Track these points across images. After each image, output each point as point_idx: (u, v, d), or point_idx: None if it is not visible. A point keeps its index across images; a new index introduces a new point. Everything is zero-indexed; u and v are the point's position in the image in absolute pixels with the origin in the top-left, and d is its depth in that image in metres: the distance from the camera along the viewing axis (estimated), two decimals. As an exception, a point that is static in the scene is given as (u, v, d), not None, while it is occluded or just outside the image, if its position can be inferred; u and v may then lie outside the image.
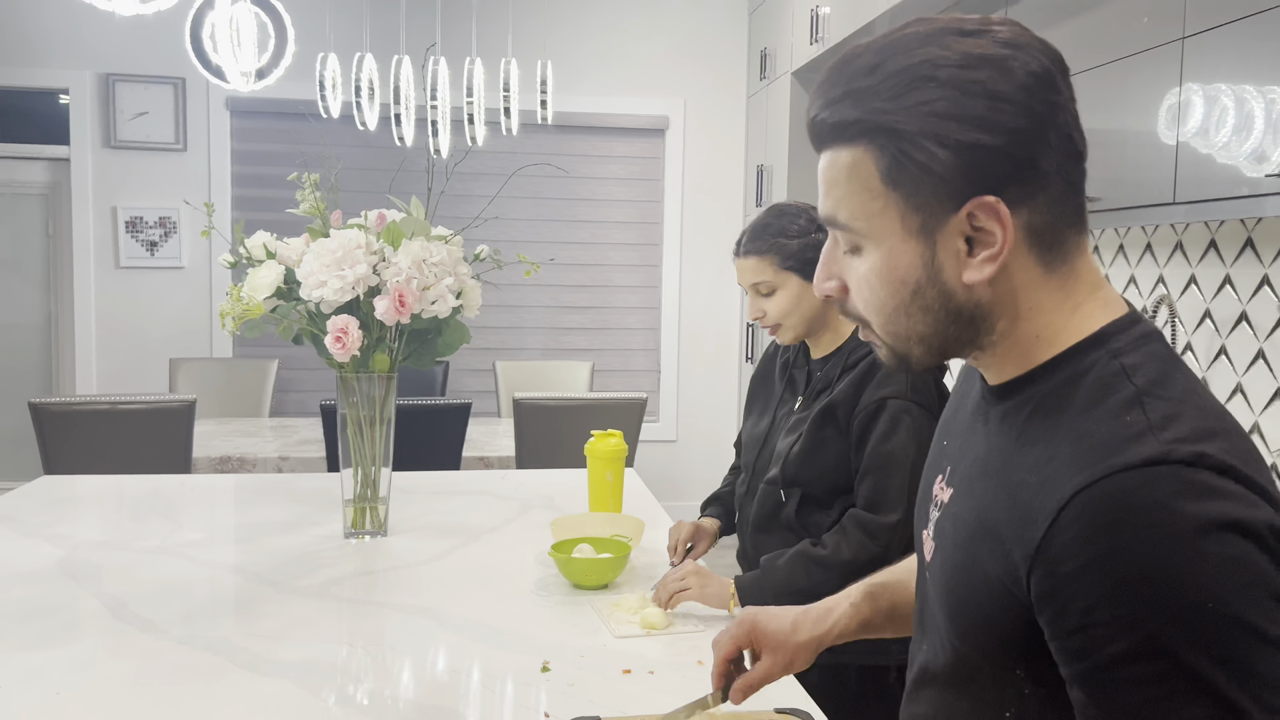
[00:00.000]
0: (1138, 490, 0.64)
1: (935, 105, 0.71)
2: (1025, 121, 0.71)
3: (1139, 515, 0.64)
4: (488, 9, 5.03)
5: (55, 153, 4.91)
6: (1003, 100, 0.70)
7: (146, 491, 2.32)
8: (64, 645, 1.38)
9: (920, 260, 0.74)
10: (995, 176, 0.71)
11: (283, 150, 5.00)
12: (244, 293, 1.80)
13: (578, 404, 3.39)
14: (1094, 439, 0.68)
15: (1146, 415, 0.68)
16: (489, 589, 1.65)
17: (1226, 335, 2.47)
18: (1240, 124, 2.04)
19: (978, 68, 0.71)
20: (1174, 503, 0.64)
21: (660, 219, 5.37)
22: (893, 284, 0.76)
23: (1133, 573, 0.63)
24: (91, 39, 4.83)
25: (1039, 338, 0.76)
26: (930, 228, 0.73)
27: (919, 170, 0.72)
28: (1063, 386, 0.74)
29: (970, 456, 0.81)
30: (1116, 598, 0.64)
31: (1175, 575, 0.63)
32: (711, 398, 5.47)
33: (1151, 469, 0.65)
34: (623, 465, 2.04)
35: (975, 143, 0.70)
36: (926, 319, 0.76)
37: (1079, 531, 0.66)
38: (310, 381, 5.11)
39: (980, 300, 0.75)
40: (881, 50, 0.74)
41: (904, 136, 0.72)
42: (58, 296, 5.01)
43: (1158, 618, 0.63)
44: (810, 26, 4.18)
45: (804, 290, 1.65)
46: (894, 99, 0.72)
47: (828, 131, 0.77)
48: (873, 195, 0.74)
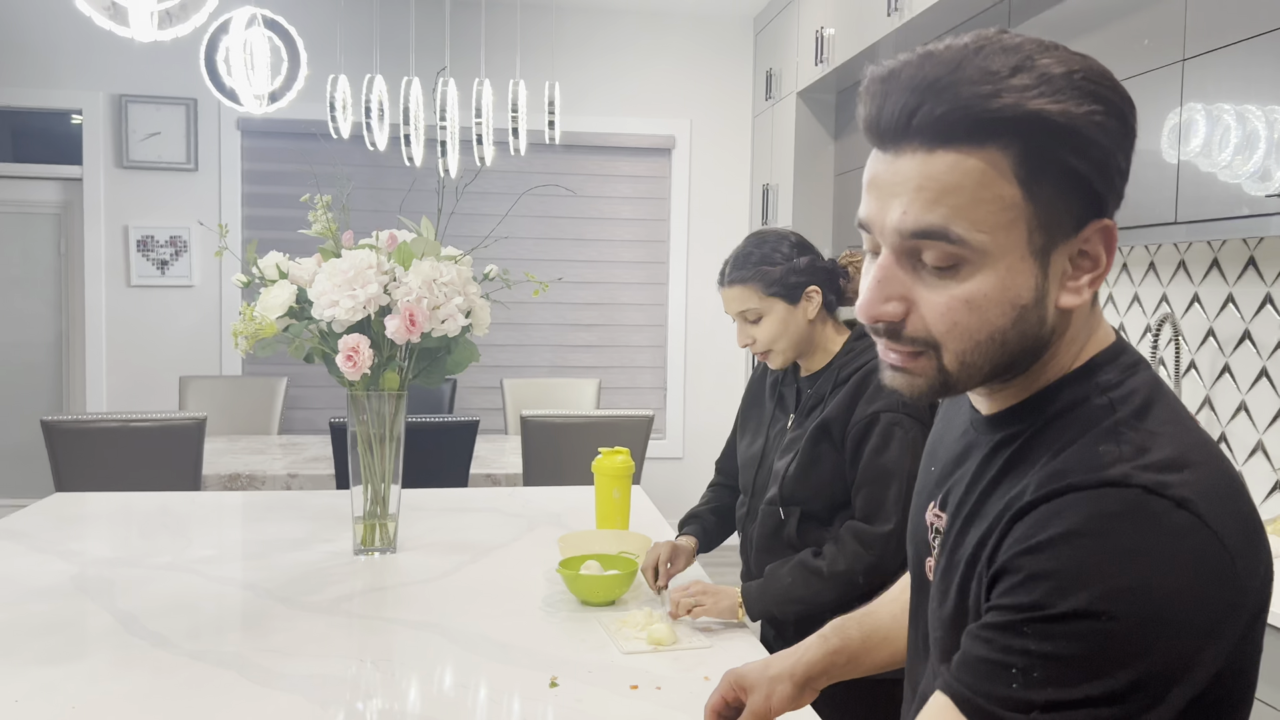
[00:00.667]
0: (1091, 502, 0.65)
1: (1095, 116, 0.67)
2: (1131, 142, 0.70)
3: (1083, 519, 0.64)
4: (496, 31, 5.09)
5: (68, 172, 4.97)
6: (1128, 128, 0.70)
7: (157, 508, 2.34)
8: (78, 660, 1.39)
9: (1034, 282, 0.69)
10: (1114, 199, 0.70)
11: (293, 170, 5.05)
12: (257, 312, 1.83)
13: (585, 421, 3.41)
14: (1064, 464, 0.68)
15: (1119, 446, 0.68)
16: (497, 605, 1.67)
17: (1230, 354, 2.48)
18: (1242, 144, 2.06)
19: (1113, 90, 0.69)
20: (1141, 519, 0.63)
21: (666, 237, 5.40)
22: (1002, 305, 0.69)
23: (1056, 565, 0.63)
24: (105, 60, 4.90)
25: (1058, 362, 0.75)
26: (1049, 247, 0.69)
27: (1064, 182, 0.68)
28: (1054, 421, 0.73)
29: (963, 484, 0.80)
30: (1036, 581, 0.64)
31: (1088, 578, 0.62)
32: (717, 415, 5.48)
33: (1106, 489, 0.65)
34: (630, 482, 2.06)
35: (1113, 162, 0.69)
36: (1021, 344, 0.71)
37: (1026, 528, 0.66)
38: (319, 399, 5.14)
39: (1056, 327, 0.72)
40: (1011, 53, 0.67)
41: (1072, 141, 0.66)
42: (69, 314, 5.06)
43: (1061, 607, 0.62)
44: (815, 48, 4.22)
45: (790, 314, 1.68)
46: (1063, 100, 0.66)
47: (963, 128, 0.67)
48: (1004, 206, 0.67)
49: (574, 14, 5.20)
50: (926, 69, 0.68)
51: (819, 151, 4.60)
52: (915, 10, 3.23)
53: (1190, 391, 2.61)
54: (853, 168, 4.34)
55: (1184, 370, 2.62)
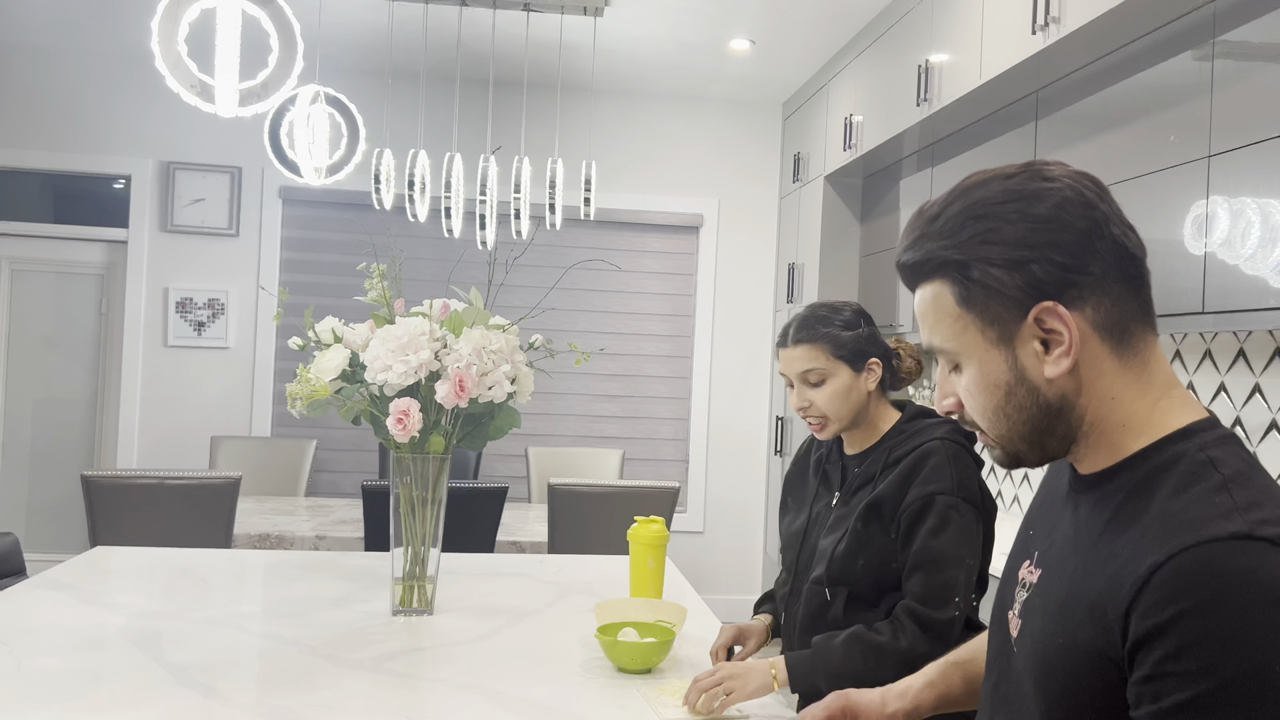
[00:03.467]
0: (1224, 558, 0.72)
1: (986, 235, 0.85)
2: (1069, 236, 0.84)
3: (1224, 580, 0.72)
4: (536, 111, 5.26)
5: (113, 235, 5.12)
6: (1040, 222, 0.84)
7: (195, 564, 2.38)
8: (132, 709, 1.43)
9: (1006, 365, 0.87)
10: (1050, 284, 0.84)
11: (332, 238, 5.19)
12: (311, 374, 1.89)
13: (612, 491, 3.44)
14: (1184, 516, 0.77)
15: (1233, 498, 0.76)
16: (536, 669, 1.69)
17: (1258, 443, 2.51)
18: (1266, 237, 2.12)
19: (1016, 201, 0.85)
20: (1258, 573, 0.71)
21: (692, 312, 5.49)
22: (988, 389, 0.88)
23: (1212, 628, 0.71)
24: (155, 128, 5.08)
25: (1125, 426, 0.86)
26: (1007, 336, 0.86)
27: (984, 291, 0.86)
28: (1155, 474, 0.82)
29: (1059, 539, 0.90)
30: (1196, 649, 0.71)
31: (1251, 636, 0.70)
32: (739, 490, 5.50)
33: (1238, 541, 0.73)
34: (664, 552, 2.09)
35: (1023, 259, 0.84)
36: (1022, 416, 0.87)
37: (1168, 590, 0.73)
38: (345, 463, 5.20)
39: (1065, 392, 0.86)
40: (944, 200, 0.90)
41: (966, 265, 0.86)
42: (105, 373, 5.16)
43: (1229, 671, 0.70)
44: (844, 134, 4.35)
45: (854, 382, 1.67)
46: (953, 236, 0.87)
47: (910, 272, 0.92)
48: (954, 318, 0.88)
49: (611, 97, 5.38)
50: (906, 227, 0.93)
51: (845, 233, 4.70)
52: (944, 100, 3.34)
53: (1218, 479, 2.63)
54: (878, 250, 4.43)
55: (1211, 457, 2.65)
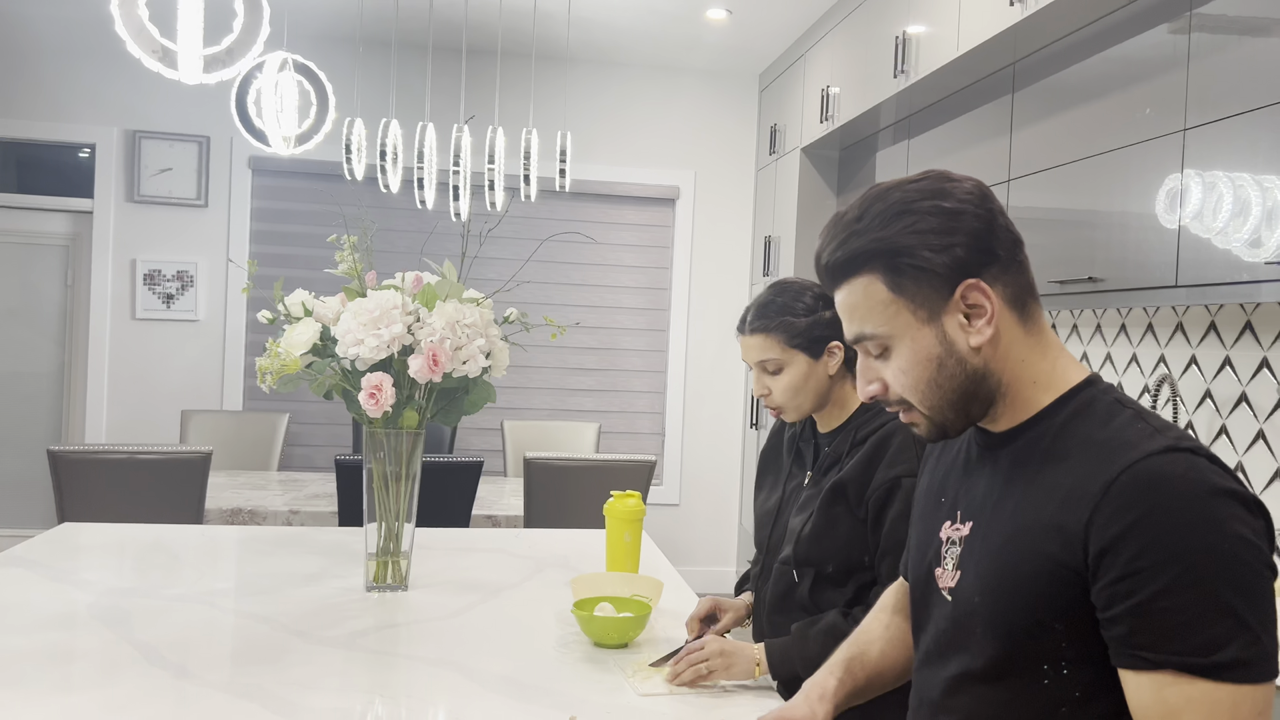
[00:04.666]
0: (1163, 467, 0.88)
1: (915, 225, 0.98)
2: (977, 224, 0.98)
3: (1168, 484, 0.87)
4: (510, 81, 5.19)
5: (78, 205, 5.02)
6: (955, 214, 0.98)
7: (165, 540, 2.35)
8: (101, 688, 1.41)
9: (936, 339, 0.99)
10: (971, 264, 0.98)
11: (302, 209, 5.12)
12: (281, 348, 1.86)
13: (588, 465, 3.43)
14: (1119, 440, 0.93)
15: (1149, 424, 0.94)
16: (511, 644, 1.68)
17: (1227, 416, 2.53)
18: (1235, 211, 2.13)
19: (932, 197, 0.99)
20: (1191, 475, 0.88)
21: (668, 285, 5.47)
22: (922, 363, 1.00)
23: (1167, 524, 0.86)
24: (120, 96, 4.97)
25: (1035, 383, 1.01)
26: (936, 313, 0.99)
27: (915, 274, 0.98)
28: (1073, 417, 0.98)
29: (982, 493, 1.03)
30: (1158, 544, 0.86)
31: (1197, 524, 0.86)
32: (715, 463, 5.51)
33: (1169, 454, 0.89)
34: (640, 526, 2.08)
35: (946, 244, 0.98)
36: (953, 384, 1.00)
37: (1124, 500, 0.88)
38: (318, 437, 5.15)
39: (987, 360, 1.00)
40: (861, 204, 1.02)
41: (900, 252, 0.98)
42: (72, 346, 5.08)
43: (1189, 556, 0.85)
44: (821, 106, 4.32)
45: (811, 368, 1.65)
46: (882, 230, 0.99)
47: (840, 269, 1.02)
48: (885, 304, 1.00)
49: (585, 66, 5.32)
50: (825, 231, 1.04)
51: (821, 205, 4.68)
52: (922, 72, 3.33)
53: (1188, 451, 2.66)
54: (854, 223, 4.42)
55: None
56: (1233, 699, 0.84)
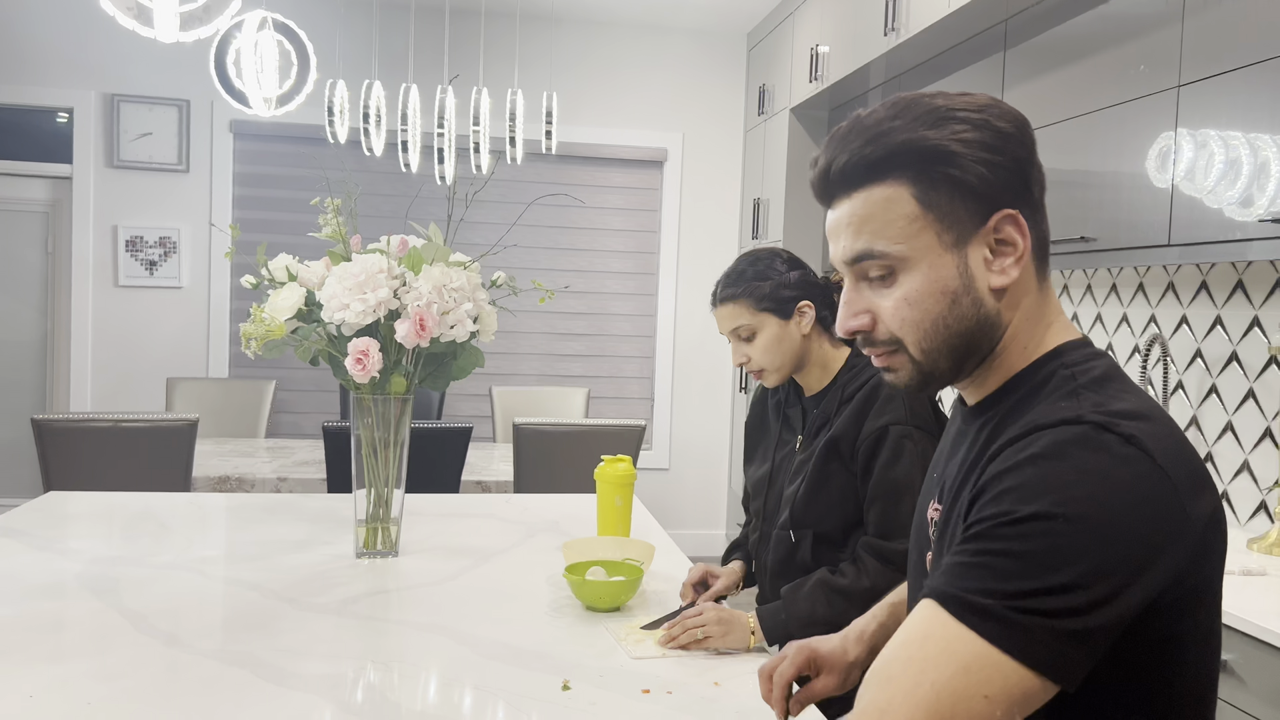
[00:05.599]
0: (1045, 434, 0.78)
1: (964, 134, 0.84)
2: (1023, 152, 0.86)
3: (1047, 448, 0.76)
4: (495, 41, 5.11)
5: (57, 171, 4.94)
6: (1005, 136, 0.86)
7: (153, 508, 2.34)
8: (90, 657, 1.39)
9: (956, 270, 0.86)
10: (1011, 193, 0.86)
11: (285, 173, 5.05)
12: (266, 314, 1.83)
13: (577, 430, 3.42)
14: (1031, 419, 0.81)
15: (1077, 400, 0.81)
16: (503, 609, 1.68)
17: (1217, 375, 2.54)
18: (1226, 169, 2.12)
19: (982, 111, 0.86)
20: (1075, 445, 0.76)
21: (656, 249, 5.44)
22: (934, 295, 0.86)
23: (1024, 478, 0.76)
24: (97, 59, 4.88)
25: (1025, 347, 0.89)
26: (963, 241, 0.85)
27: (954, 189, 0.84)
28: (1028, 395, 0.87)
29: (954, 471, 0.92)
30: (1006, 495, 0.76)
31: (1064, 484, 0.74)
32: (704, 427, 5.51)
33: (1078, 426, 0.77)
34: (631, 490, 2.08)
35: (997, 163, 0.84)
36: (961, 326, 0.86)
37: (998, 464, 0.79)
38: (305, 403, 5.13)
39: (1000, 308, 0.87)
40: (893, 106, 0.87)
41: (942, 158, 0.84)
42: (54, 314, 5.02)
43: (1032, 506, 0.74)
44: (810, 65, 4.27)
45: (783, 329, 1.67)
46: (933, 128, 0.85)
47: (861, 171, 0.87)
48: (909, 220, 0.85)
49: (571, 26, 5.24)
50: (834, 136, 0.89)
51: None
52: (912, 30, 3.28)
53: (1178, 411, 2.66)
54: (844, 184, 4.39)
55: (1172, 390, 2.68)
56: (974, 653, 0.72)
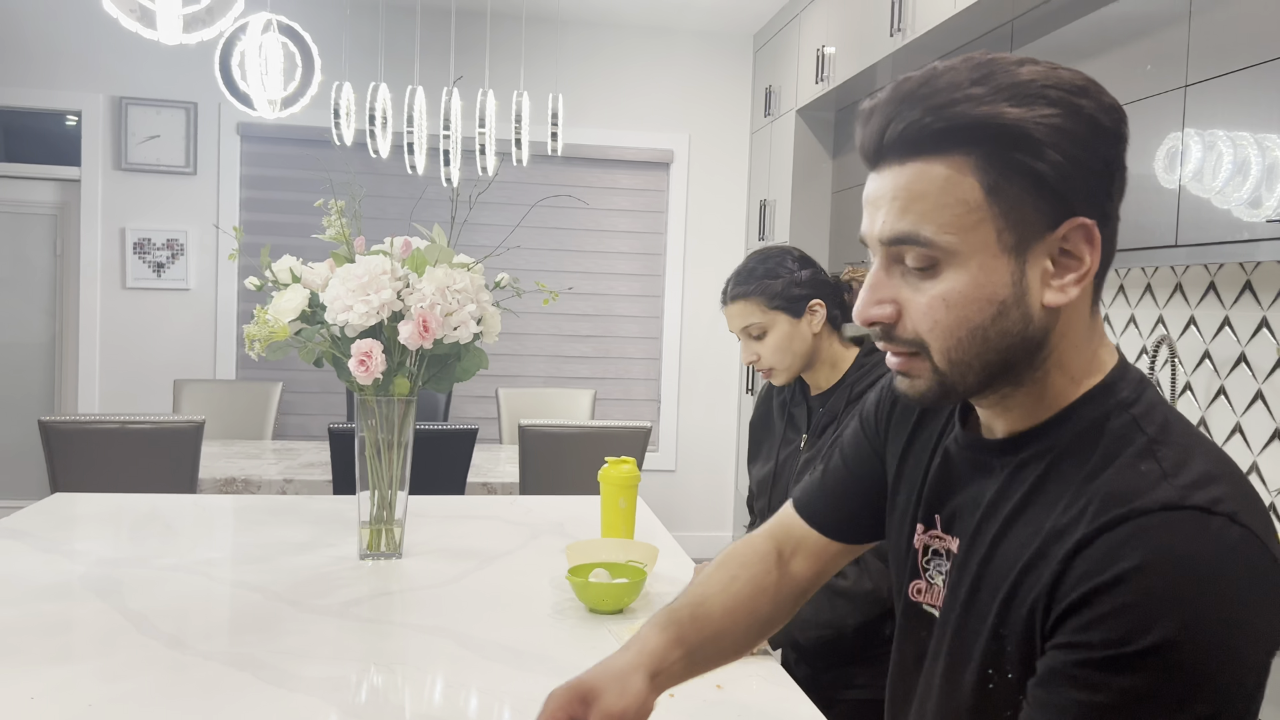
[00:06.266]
0: (1154, 531, 0.67)
1: (1052, 119, 0.70)
2: (1114, 152, 0.73)
3: (1155, 554, 0.66)
4: (501, 42, 5.12)
5: (66, 173, 4.96)
6: (1099, 131, 0.72)
7: (159, 510, 2.34)
8: (92, 659, 1.39)
9: (1010, 279, 0.73)
10: (1091, 200, 0.73)
11: (292, 175, 5.06)
12: (269, 315, 1.83)
13: (583, 432, 3.42)
14: (1111, 489, 0.71)
15: (1159, 464, 0.71)
16: (506, 611, 1.67)
17: (1225, 376, 2.52)
18: (1234, 170, 2.10)
19: (1082, 95, 0.72)
20: (1190, 547, 0.66)
21: (663, 251, 5.43)
22: (979, 302, 0.73)
23: (1140, 595, 0.65)
24: (106, 62, 4.90)
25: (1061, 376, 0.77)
26: (1024, 245, 0.72)
27: (1028, 182, 0.71)
28: (1080, 439, 0.75)
29: (979, 507, 0.81)
30: (1117, 617, 0.66)
31: (1185, 600, 0.64)
32: (711, 428, 5.50)
33: (1167, 513, 0.67)
34: (635, 492, 2.07)
35: (1083, 161, 0.71)
36: (1004, 342, 0.74)
37: (1093, 564, 0.68)
38: (312, 405, 5.14)
39: (1047, 329, 0.75)
40: (976, 68, 0.73)
41: (1024, 143, 0.70)
42: (62, 316, 5.04)
43: (1142, 642, 0.64)
44: (816, 66, 4.26)
45: (794, 328, 1.66)
46: (1019, 105, 0.70)
47: (923, 140, 0.72)
48: (969, 208, 0.72)
49: (577, 27, 5.24)
50: (900, 89, 0.74)
51: (817, 168, 4.64)
52: (919, 31, 3.27)
53: (1186, 412, 2.65)
54: (851, 185, 4.38)
55: (1180, 392, 2.66)
56: None
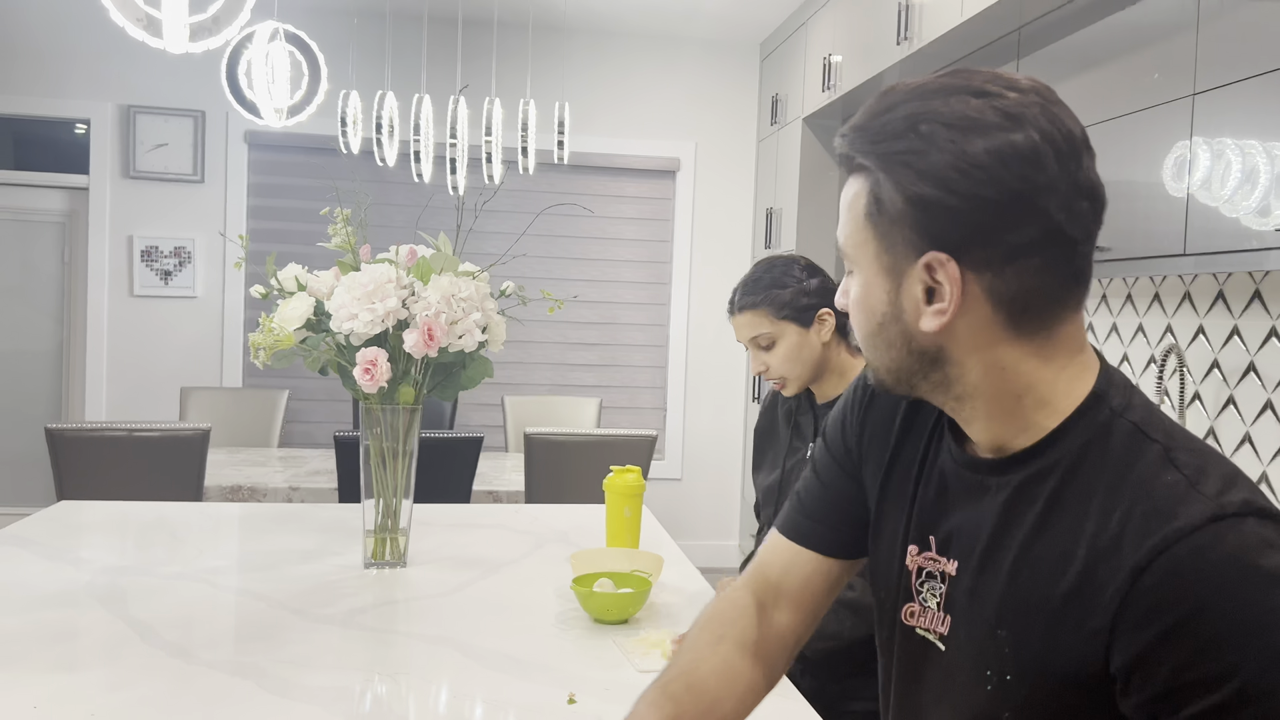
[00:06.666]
0: (1208, 549, 0.67)
1: (908, 156, 0.74)
2: (993, 192, 0.71)
3: (1216, 572, 0.67)
4: (507, 51, 5.13)
5: (74, 181, 4.98)
6: (973, 166, 0.71)
7: (163, 518, 2.34)
8: (96, 667, 1.39)
9: (887, 297, 0.78)
10: (953, 237, 0.73)
11: (299, 184, 5.07)
12: (275, 324, 1.84)
13: (589, 440, 3.41)
14: (1147, 505, 0.71)
15: (1181, 472, 0.71)
16: (510, 621, 1.67)
17: (1235, 386, 2.50)
18: (1243, 179, 2.09)
19: (961, 129, 0.72)
20: (1247, 555, 0.67)
21: (669, 259, 5.43)
22: (866, 311, 0.81)
23: (1220, 629, 0.66)
24: (114, 71, 4.92)
25: (1021, 398, 0.78)
26: (898, 270, 0.77)
27: (888, 215, 0.76)
28: (1086, 453, 0.76)
29: (969, 528, 0.82)
30: (1206, 655, 0.66)
31: (1261, 624, 0.65)
32: (717, 437, 5.49)
33: (1216, 525, 0.68)
34: (640, 501, 2.06)
35: (934, 199, 0.73)
36: (891, 353, 0.80)
37: (1160, 596, 0.68)
38: (318, 413, 5.14)
39: (944, 346, 0.78)
40: (907, 93, 0.76)
41: (881, 179, 0.76)
42: (70, 323, 5.05)
43: (1249, 667, 0.65)
44: (823, 74, 4.26)
45: (803, 338, 1.65)
46: (881, 142, 0.75)
47: (840, 158, 0.81)
48: (859, 227, 0.79)
49: (584, 36, 5.25)
50: (865, 107, 0.80)
51: (824, 177, 4.63)
52: (925, 39, 3.27)
53: (1195, 423, 2.63)
54: (857, 194, 4.37)
55: (1189, 401, 2.65)
56: None
